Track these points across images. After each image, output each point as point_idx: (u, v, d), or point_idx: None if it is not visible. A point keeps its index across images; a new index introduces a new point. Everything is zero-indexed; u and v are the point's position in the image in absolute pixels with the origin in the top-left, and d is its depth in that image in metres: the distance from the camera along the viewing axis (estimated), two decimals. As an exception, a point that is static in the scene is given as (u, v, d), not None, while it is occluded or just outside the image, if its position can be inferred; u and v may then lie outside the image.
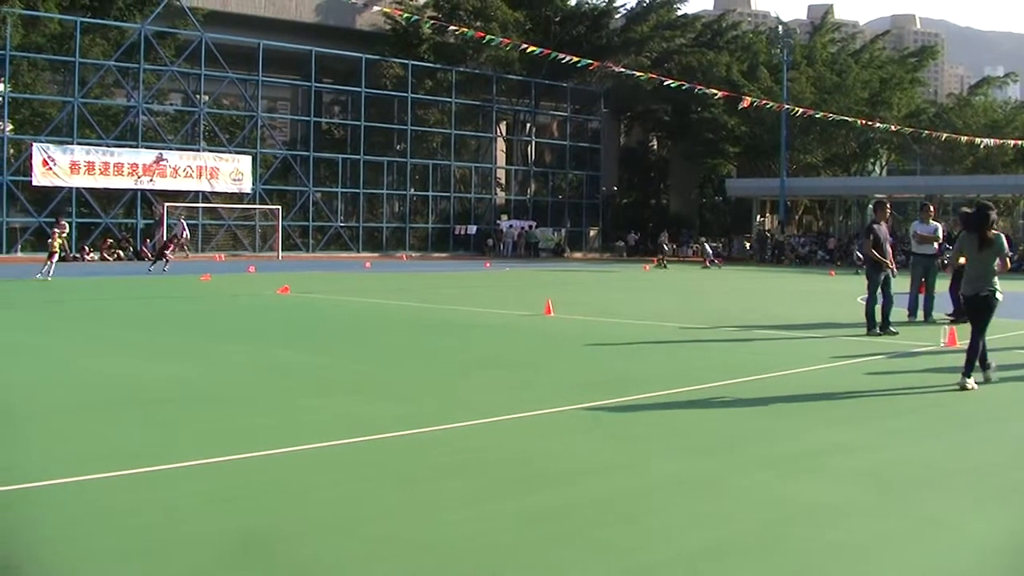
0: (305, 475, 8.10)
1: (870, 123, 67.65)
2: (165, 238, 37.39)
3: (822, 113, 63.92)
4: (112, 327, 19.54)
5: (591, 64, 53.59)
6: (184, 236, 50.05)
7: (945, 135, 67.26)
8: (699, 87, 61.27)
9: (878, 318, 19.58)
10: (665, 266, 56.32)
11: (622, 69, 61.02)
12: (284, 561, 5.97)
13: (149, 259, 52.17)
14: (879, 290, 19.67)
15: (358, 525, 6.71)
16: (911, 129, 68.12)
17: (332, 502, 7.28)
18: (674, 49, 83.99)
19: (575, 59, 51.95)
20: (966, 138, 67.71)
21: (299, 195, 66.25)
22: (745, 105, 57.65)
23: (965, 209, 25.87)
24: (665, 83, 55.21)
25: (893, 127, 68.32)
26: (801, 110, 62.30)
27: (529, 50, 55.36)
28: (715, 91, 59.92)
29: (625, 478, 8.16)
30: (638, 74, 59.21)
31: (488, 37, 55.22)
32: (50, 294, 27.54)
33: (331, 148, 70.41)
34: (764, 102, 62.24)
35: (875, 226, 19.94)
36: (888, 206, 21.31)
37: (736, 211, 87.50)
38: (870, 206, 77.49)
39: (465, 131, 76.65)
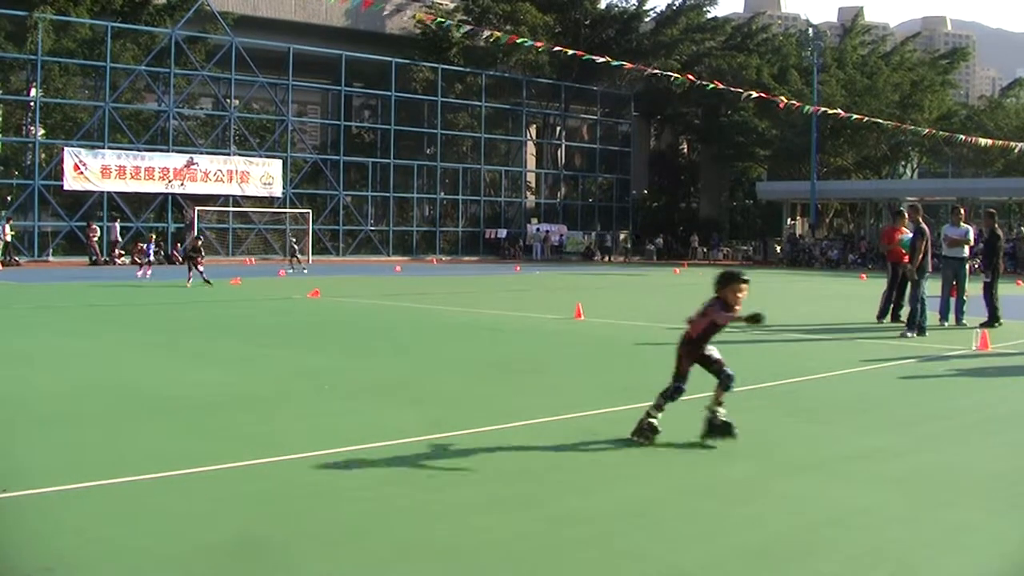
0: (334, 479, 8.09)
1: (901, 125, 67.36)
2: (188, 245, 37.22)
3: (856, 116, 63.61)
4: (142, 331, 19.60)
5: (625, 65, 53.52)
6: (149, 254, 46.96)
7: (980, 140, 66.82)
8: (736, 89, 61.21)
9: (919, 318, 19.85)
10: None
11: (656, 71, 60.88)
12: (307, 566, 5.96)
13: (179, 262, 52.47)
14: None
15: (386, 530, 6.70)
16: (945, 134, 67.68)
17: (360, 506, 7.28)
18: (704, 52, 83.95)
19: (608, 60, 51.90)
20: (1000, 142, 67.22)
21: (329, 199, 66.40)
22: (781, 106, 57.55)
23: (991, 209, 25.96)
24: (701, 84, 55.12)
25: (927, 131, 67.93)
26: (834, 111, 62.00)
27: (562, 52, 55.41)
28: (752, 92, 59.83)
29: (657, 482, 8.13)
30: (673, 76, 58.99)
31: (521, 40, 55.25)
32: (83, 297, 27.69)
33: (361, 152, 70.49)
34: (798, 104, 62.09)
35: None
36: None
37: (767, 214, 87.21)
38: (902, 208, 77.25)
39: (495, 135, 76.72)
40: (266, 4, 70.37)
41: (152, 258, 38.73)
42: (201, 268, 31.80)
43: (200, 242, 34.04)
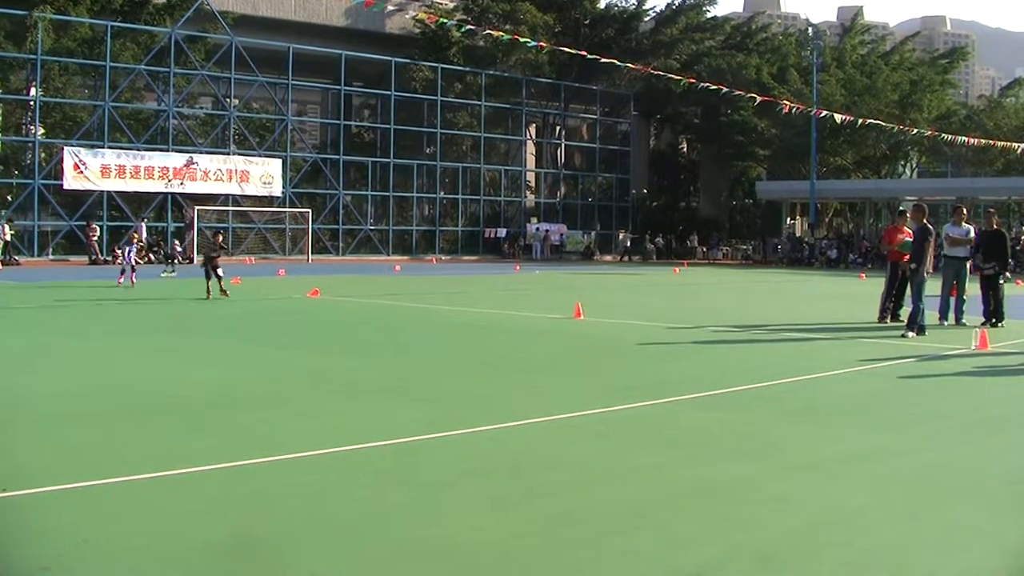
0: (332, 479, 8.09)
1: (902, 127, 67.36)
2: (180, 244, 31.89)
3: (861, 121, 63.54)
4: (144, 330, 19.59)
5: (630, 66, 53.47)
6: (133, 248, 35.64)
7: (981, 140, 66.80)
8: (738, 91, 61.24)
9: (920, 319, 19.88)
10: None
11: (658, 72, 60.89)
12: (304, 566, 5.96)
13: (180, 263, 52.46)
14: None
15: (384, 530, 6.69)
16: (948, 136, 67.65)
17: (359, 506, 7.27)
18: (704, 52, 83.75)
19: (613, 61, 51.92)
20: (1002, 143, 67.21)
21: (329, 198, 66.36)
22: (786, 110, 57.61)
23: (991, 209, 25.91)
24: (701, 85, 55.16)
25: (929, 132, 67.90)
26: (835, 115, 61.92)
27: (565, 51, 55.44)
28: (754, 95, 59.88)
29: (656, 482, 8.12)
30: (677, 78, 59.18)
31: (523, 40, 55.23)
32: (83, 297, 27.66)
33: (361, 151, 70.44)
34: (801, 107, 62.05)
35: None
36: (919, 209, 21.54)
37: (766, 214, 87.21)
38: (902, 207, 77.23)
39: (495, 134, 76.64)
40: (266, 4, 70.30)
41: (131, 262, 32.61)
42: (220, 272, 27.59)
43: (220, 238, 29.92)
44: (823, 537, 6.72)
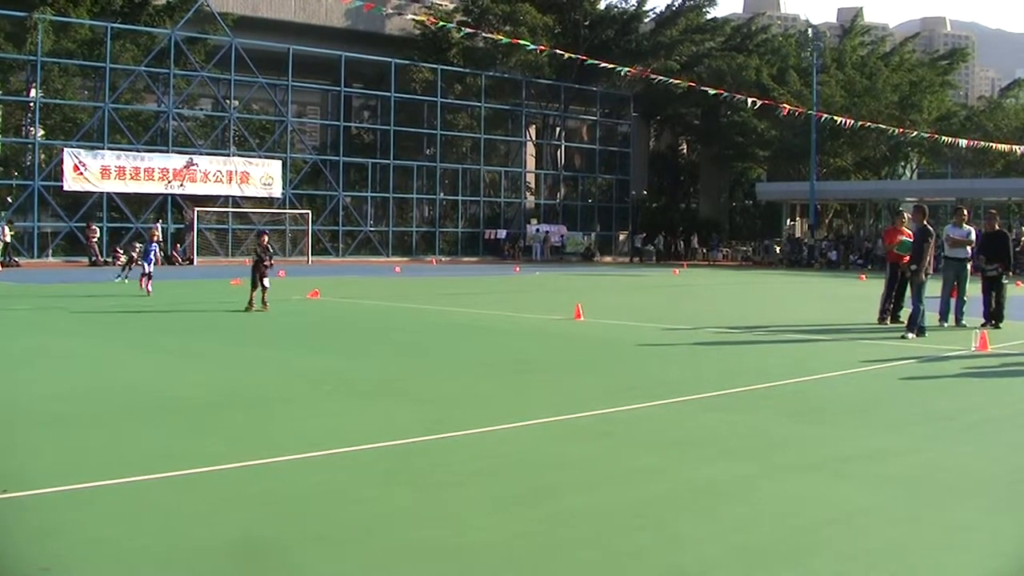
0: (335, 480, 8.10)
1: (902, 128, 67.33)
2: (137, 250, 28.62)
3: (860, 124, 63.50)
4: (143, 332, 19.58)
5: (630, 70, 53.37)
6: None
7: (981, 142, 66.79)
8: (737, 95, 61.31)
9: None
10: None
11: (660, 77, 60.88)
12: (309, 567, 5.97)
13: (180, 263, 52.49)
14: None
15: (387, 530, 6.70)
16: (947, 138, 67.65)
17: (363, 507, 7.28)
18: (704, 53, 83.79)
19: (614, 66, 51.88)
20: (1005, 146, 67.17)
21: (329, 200, 66.31)
22: (785, 112, 57.60)
23: (992, 210, 25.95)
24: (703, 88, 55.14)
25: (929, 135, 67.85)
26: (834, 117, 61.87)
27: (567, 56, 55.43)
28: (755, 99, 59.89)
29: (658, 483, 8.13)
30: (676, 81, 59.16)
31: (522, 42, 55.16)
32: (82, 298, 27.64)
33: (361, 153, 70.41)
34: (800, 110, 62.05)
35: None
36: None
37: (766, 215, 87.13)
38: (901, 208, 77.15)
39: (495, 135, 76.58)
40: (266, 5, 70.32)
41: (151, 264, 29.53)
42: (267, 282, 24.16)
43: (266, 239, 25.87)
44: (824, 536, 6.73)
